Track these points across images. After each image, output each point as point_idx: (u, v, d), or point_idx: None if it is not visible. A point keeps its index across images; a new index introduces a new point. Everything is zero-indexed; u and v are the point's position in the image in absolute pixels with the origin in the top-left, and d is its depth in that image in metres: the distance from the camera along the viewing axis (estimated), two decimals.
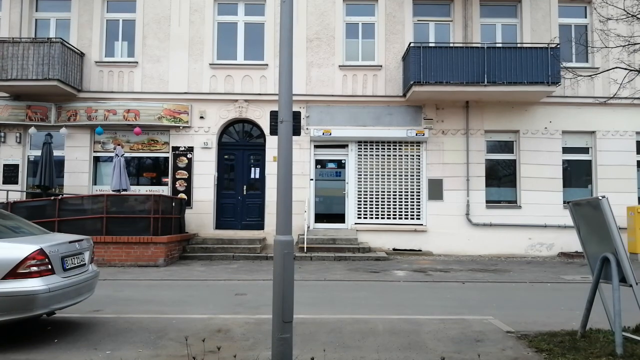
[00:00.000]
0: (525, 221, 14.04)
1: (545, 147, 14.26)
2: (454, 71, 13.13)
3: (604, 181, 14.24)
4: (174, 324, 6.02)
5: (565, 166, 14.53)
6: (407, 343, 5.22)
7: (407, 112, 14.33)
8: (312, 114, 14.28)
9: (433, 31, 14.70)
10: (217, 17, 14.66)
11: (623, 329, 5.27)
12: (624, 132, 14.36)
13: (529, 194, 14.17)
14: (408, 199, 14.31)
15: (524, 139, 14.33)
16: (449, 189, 14.15)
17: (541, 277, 10.42)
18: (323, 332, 5.67)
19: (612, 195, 13.91)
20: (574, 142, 14.55)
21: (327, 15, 14.52)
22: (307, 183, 14.16)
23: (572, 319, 6.03)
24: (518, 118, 14.32)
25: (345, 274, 10.44)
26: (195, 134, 14.24)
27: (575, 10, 14.89)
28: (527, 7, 14.61)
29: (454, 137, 14.28)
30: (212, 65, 14.35)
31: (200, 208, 14.06)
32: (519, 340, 5.35)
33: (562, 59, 14.44)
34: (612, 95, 8.79)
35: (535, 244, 14.01)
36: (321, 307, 7.24)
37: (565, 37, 14.69)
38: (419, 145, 14.38)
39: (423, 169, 14.31)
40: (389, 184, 14.34)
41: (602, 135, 14.37)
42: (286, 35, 4.46)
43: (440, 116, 14.33)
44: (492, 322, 6.16)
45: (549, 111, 14.34)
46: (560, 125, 14.36)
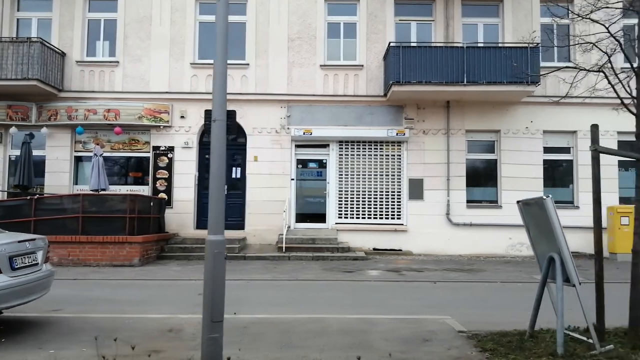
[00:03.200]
0: (506, 221, 14.01)
1: (526, 147, 14.26)
2: (434, 71, 13.12)
3: (585, 181, 14.19)
4: (129, 323, 6.02)
5: (547, 166, 14.53)
6: (354, 343, 5.22)
7: (388, 112, 14.32)
8: (294, 114, 14.27)
9: (415, 31, 14.69)
10: (199, 16, 14.66)
11: (574, 329, 5.29)
12: (605, 131, 14.25)
13: (510, 194, 14.11)
14: (389, 198, 14.30)
15: (504, 139, 14.33)
16: (430, 189, 14.14)
17: (514, 277, 10.42)
18: (275, 331, 5.67)
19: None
20: (556, 142, 14.55)
21: (308, 15, 14.51)
22: (287, 183, 14.15)
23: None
24: (499, 118, 14.32)
25: (319, 273, 10.43)
26: (176, 133, 14.24)
27: (557, 9, 14.84)
28: (508, 7, 14.60)
29: (435, 137, 14.28)
30: (193, 65, 14.35)
31: (181, 208, 14.06)
32: (469, 339, 5.35)
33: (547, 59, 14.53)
34: (565, 95, 8.76)
35: (516, 243, 14.01)
36: (284, 306, 7.24)
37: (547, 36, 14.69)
38: (400, 145, 14.37)
39: (404, 169, 14.30)
40: (369, 183, 14.33)
41: (583, 135, 14.33)
42: (222, 34, 4.47)
43: (422, 116, 14.32)
44: (448, 322, 6.15)
45: (530, 111, 14.34)
46: (542, 125, 14.35)
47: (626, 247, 13.03)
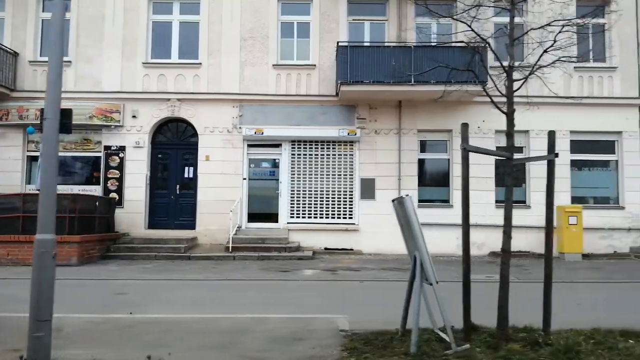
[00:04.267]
0: (457, 220, 13.78)
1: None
2: (382, 70, 13.12)
3: (537, 180, 14.18)
4: (10, 323, 5.98)
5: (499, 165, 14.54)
6: (224, 342, 5.22)
7: (340, 112, 14.32)
8: (246, 113, 14.26)
9: (368, 30, 14.69)
10: (152, 16, 14.64)
11: (443, 329, 5.28)
12: (557, 131, 14.29)
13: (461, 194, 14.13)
14: (341, 198, 14.31)
15: (456, 139, 14.29)
16: (382, 188, 14.14)
17: (447, 276, 10.32)
18: (154, 331, 5.66)
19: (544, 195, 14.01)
20: None
21: (261, 14, 14.50)
22: (240, 182, 14.14)
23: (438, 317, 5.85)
24: (451, 117, 14.30)
25: (254, 273, 10.43)
26: (127, 133, 14.22)
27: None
28: (461, 6, 14.56)
29: (387, 137, 14.28)
30: (145, 64, 14.33)
31: (132, 207, 14.03)
32: (344, 339, 5.34)
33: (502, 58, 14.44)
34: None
35: None
36: (192, 306, 7.25)
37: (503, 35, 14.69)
38: (353, 145, 14.37)
39: (356, 169, 14.31)
40: (322, 183, 14.34)
41: (535, 135, 14.37)
42: (58, 30, 4.38)
43: (374, 116, 14.32)
44: (338, 321, 6.13)
45: (482, 110, 14.30)
46: (494, 125, 14.34)
47: (574, 247, 13.18)
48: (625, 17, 14.55)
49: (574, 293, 8.78)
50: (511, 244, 5.53)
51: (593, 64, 14.61)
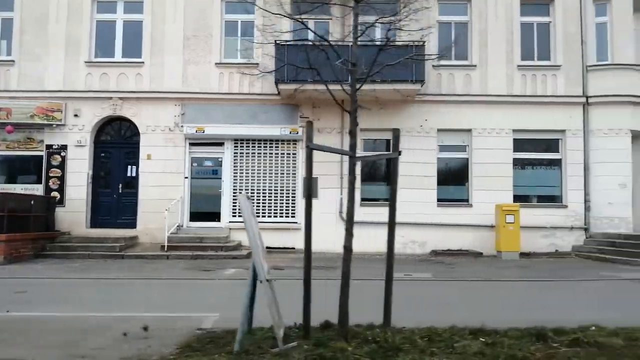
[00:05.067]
0: (399, 219, 13.71)
1: (421, 146, 14.25)
2: (321, 69, 13.04)
3: (480, 179, 14.23)
4: None
5: (444, 164, 14.55)
6: (68, 341, 5.18)
7: (283, 111, 14.32)
8: (188, 112, 14.24)
9: (313, 29, 14.61)
10: (96, 15, 14.62)
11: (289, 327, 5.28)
12: (500, 129, 14.34)
13: (403, 192, 13.87)
14: (283, 197, 14.30)
15: (405, 138, 14.10)
16: (325, 187, 14.12)
17: (372, 274, 10.33)
18: (7, 330, 5.63)
19: (488, 194, 14.12)
20: (451, 140, 14.55)
21: (205, 13, 14.48)
22: (181, 181, 14.13)
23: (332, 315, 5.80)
24: (394, 117, 14.28)
25: (176, 272, 10.42)
26: (69, 132, 14.20)
27: (456, 8, 14.85)
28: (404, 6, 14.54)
29: (330, 136, 14.26)
30: (88, 63, 14.31)
31: (74, 206, 14.01)
32: (189, 338, 5.32)
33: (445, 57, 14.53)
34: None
35: (408, 242, 14.00)
36: (79, 305, 7.22)
37: (447, 35, 14.72)
38: (296, 144, 14.37)
39: (299, 167, 14.31)
40: (265, 182, 14.34)
41: (478, 134, 14.36)
42: None
43: (317, 115, 14.31)
44: (205, 320, 6.12)
45: (425, 109, 14.33)
46: (436, 124, 14.35)
47: (511, 245, 13.18)
48: (569, 16, 14.57)
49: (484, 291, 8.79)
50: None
51: (537, 63, 14.61)
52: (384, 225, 13.69)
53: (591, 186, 14.17)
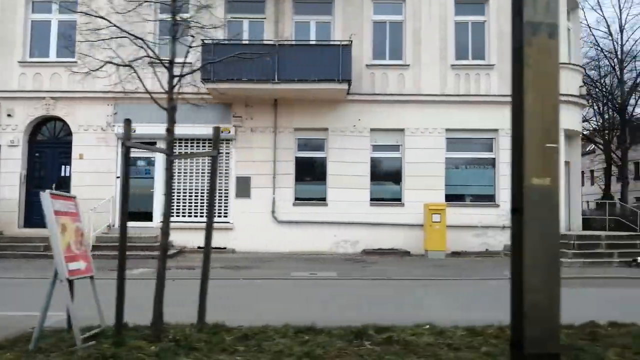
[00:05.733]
0: (332, 218, 14.04)
1: (354, 145, 14.26)
2: (247, 69, 13.09)
3: (412, 178, 14.24)
4: None
5: (378, 164, 14.57)
6: None
7: (216, 110, 14.31)
8: (120, 112, 14.22)
9: (247, 28, 14.68)
10: (31, 15, 14.63)
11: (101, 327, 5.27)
12: (433, 129, 14.35)
13: (337, 192, 14.17)
14: (216, 196, 14.28)
15: (332, 137, 14.33)
16: (257, 187, 14.15)
17: (282, 274, 10.38)
18: None
19: (420, 193, 14.14)
20: (385, 140, 14.56)
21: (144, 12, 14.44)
22: (113, 181, 14.12)
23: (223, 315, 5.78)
24: (327, 116, 14.31)
25: None
26: (2, 132, 14.18)
27: (391, 7, 14.85)
28: (339, 4, 14.58)
29: (263, 135, 14.28)
30: (22, 63, 14.31)
31: (7, 206, 14.01)
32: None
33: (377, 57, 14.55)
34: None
35: (340, 241, 14.02)
36: None
37: (381, 34, 14.74)
38: (229, 143, 14.38)
39: (232, 167, 14.32)
40: (197, 181, 14.35)
41: (410, 133, 14.37)
42: None
43: (250, 114, 14.32)
44: (50, 318, 6.13)
45: (358, 109, 14.34)
46: (370, 123, 14.35)
47: (438, 244, 13.18)
48: (504, 14, 14.57)
49: (373, 290, 8.79)
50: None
51: (472, 62, 14.63)
52: (315, 225, 13.92)
53: None
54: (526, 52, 4.15)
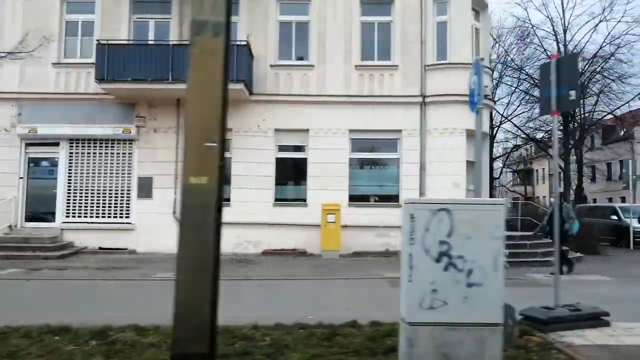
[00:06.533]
0: (236, 219, 13.96)
1: (258, 145, 14.24)
2: (142, 68, 13.09)
3: (317, 179, 14.22)
4: None
5: (283, 164, 14.55)
6: None
7: (119, 110, 14.28)
8: (24, 112, 14.19)
9: (153, 29, 14.66)
10: None
11: None
12: (337, 129, 14.33)
13: (240, 192, 14.14)
14: (118, 197, 14.27)
15: (237, 137, 14.30)
16: (159, 187, 14.11)
17: (147, 275, 10.35)
18: None
19: (324, 193, 14.11)
20: (290, 140, 14.55)
21: (45, 14, 14.44)
22: (16, 181, 14.09)
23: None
24: (231, 116, 14.01)
25: None
26: None
27: (297, 7, 14.83)
28: (245, 4, 14.57)
29: (166, 135, 14.25)
30: None
31: None
32: None
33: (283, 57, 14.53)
34: None
35: (243, 241, 13.98)
36: None
37: (287, 34, 14.74)
38: (132, 144, 14.34)
39: (134, 167, 14.28)
40: (99, 182, 14.30)
41: (314, 133, 14.36)
42: None
43: (153, 114, 14.30)
44: None
45: (262, 109, 14.32)
46: (274, 124, 14.33)
47: (332, 244, 13.15)
48: (410, 15, 14.60)
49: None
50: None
51: (376, 62, 14.61)
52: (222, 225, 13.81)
53: (427, 185, 14.19)
54: (191, 52, 4.15)
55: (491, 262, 4.05)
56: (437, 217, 4.12)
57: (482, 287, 4.01)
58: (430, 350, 3.98)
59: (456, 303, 3.98)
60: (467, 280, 4.02)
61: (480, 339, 3.99)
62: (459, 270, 4.02)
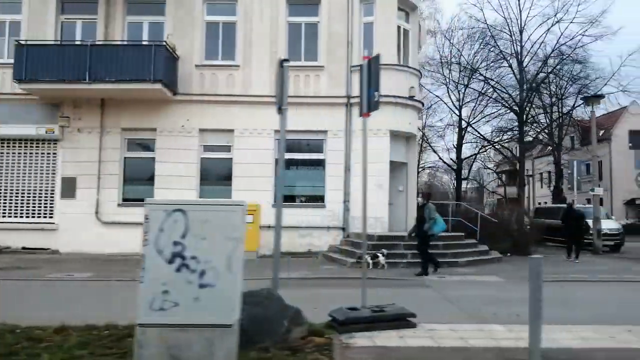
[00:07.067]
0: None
1: (182, 145, 14.23)
2: (60, 69, 13.07)
3: (242, 179, 14.20)
4: None
5: (209, 164, 14.54)
6: None
7: (44, 110, 14.27)
8: None
9: (80, 29, 14.64)
10: None
11: None
12: (262, 130, 14.31)
13: (164, 192, 14.05)
14: (41, 197, 14.25)
15: (161, 137, 14.29)
16: (83, 187, 14.09)
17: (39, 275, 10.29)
18: None
19: (249, 193, 14.06)
20: (215, 141, 14.54)
21: None
22: None
23: None
24: (155, 116, 14.27)
25: None
26: None
27: (224, 8, 14.81)
28: (171, 5, 14.55)
29: (90, 135, 14.24)
30: None
31: None
32: None
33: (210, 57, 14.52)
34: None
35: None
36: None
37: (214, 35, 14.74)
38: (56, 144, 14.32)
39: (58, 167, 14.25)
40: (23, 182, 14.27)
41: (239, 134, 14.36)
42: None
43: (78, 114, 14.29)
44: None
45: (187, 109, 14.31)
46: (199, 124, 14.32)
47: (249, 244, 13.04)
48: (337, 15, 14.59)
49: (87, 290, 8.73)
50: None
51: (303, 63, 14.59)
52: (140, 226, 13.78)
53: (352, 186, 14.17)
54: None
55: (225, 263, 4.05)
56: (172, 217, 4.12)
57: (215, 288, 4.01)
58: (161, 352, 3.97)
59: (187, 304, 3.98)
60: (199, 281, 4.01)
61: (211, 339, 3.97)
62: (191, 271, 4.02)
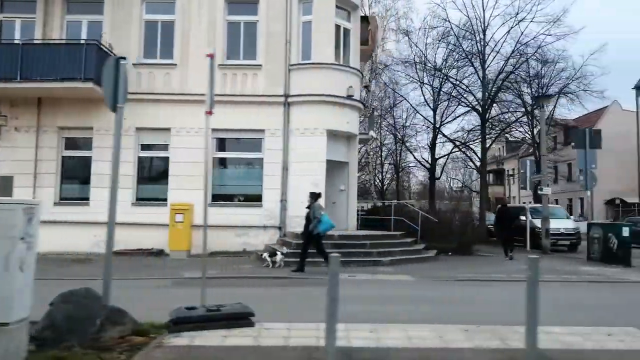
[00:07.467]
0: (94, 218, 13.90)
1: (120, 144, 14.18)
2: None
3: (178, 178, 14.19)
4: None
5: (146, 163, 14.54)
6: None
7: None
8: None
9: (19, 29, 14.63)
10: None
11: None
12: (199, 129, 14.27)
13: (101, 191, 13.99)
14: None
15: (98, 136, 14.29)
16: (20, 186, 14.07)
17: None
18: None
19: (186, 193, 14.05)
20: (153, 139, 14.56)
21: None
22: None
23: None
24: (93, 115, 14.23)
25: None
26: None
27: (162, 6, 14.80)
28: (109, 4, 14.54)
29: (27, 134, 14.24)
30: None
31: None
32: None
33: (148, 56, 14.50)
34: None
35: (99, 241, 13.79)
36: None
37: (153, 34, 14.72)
38: None
39: None
40: None
41: (176, 132, 14.36)
42: None
43: (15, 113, 14.29)
44: None
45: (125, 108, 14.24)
46: (136, 122, 14.27)
47: (180, 244, 13.10)
48: (275, 14, 14.58)
49: None
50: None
51: (241, 62, 14.61)
52: (77, 225, 13.84)
53: (290, 185, 14.18)
54: None
55: (2, 262, 4.04)
56: None
57: None
58: None
59: None
60: None
61: None
62: None
